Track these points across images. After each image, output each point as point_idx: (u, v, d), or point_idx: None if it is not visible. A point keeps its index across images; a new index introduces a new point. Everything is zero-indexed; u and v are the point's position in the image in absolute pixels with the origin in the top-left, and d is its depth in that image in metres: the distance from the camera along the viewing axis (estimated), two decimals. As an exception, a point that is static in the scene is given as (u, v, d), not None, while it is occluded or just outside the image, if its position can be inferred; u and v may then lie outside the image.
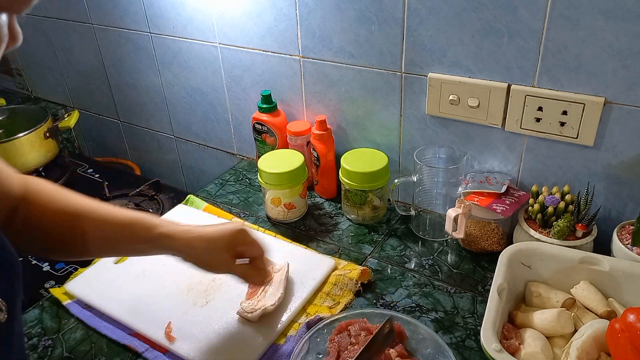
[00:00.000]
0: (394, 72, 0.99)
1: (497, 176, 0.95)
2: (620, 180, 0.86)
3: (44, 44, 1.63)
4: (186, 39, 1.26)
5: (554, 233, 0.83)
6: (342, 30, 1.00)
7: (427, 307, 0.84)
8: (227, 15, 1.15)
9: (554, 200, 0.85)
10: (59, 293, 0.89)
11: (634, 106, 0.80)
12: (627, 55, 0.76)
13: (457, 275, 0.90)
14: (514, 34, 0.83)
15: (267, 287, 0.84)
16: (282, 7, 1.05)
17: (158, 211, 1.22)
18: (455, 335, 0.78)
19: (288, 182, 1.02)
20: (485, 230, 0.92)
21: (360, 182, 1.00)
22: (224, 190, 1.20)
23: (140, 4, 1.29)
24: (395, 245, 0.99)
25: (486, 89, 0.90)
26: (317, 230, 1.04)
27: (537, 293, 0.78)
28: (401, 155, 1.07)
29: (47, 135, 1.35)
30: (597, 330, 0.68)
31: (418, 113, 1.00)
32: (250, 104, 1.24)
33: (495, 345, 0.64)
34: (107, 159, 1.69)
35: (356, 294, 0.86)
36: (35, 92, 1.82)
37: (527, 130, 0.89)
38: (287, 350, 0.76)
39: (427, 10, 0.89)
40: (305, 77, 1.11)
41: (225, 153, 1.41)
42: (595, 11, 0.76)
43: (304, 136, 1.12)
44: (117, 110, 1.59)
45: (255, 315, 0.79)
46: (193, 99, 1.36)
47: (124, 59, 1.44)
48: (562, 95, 0.84)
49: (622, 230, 0.83)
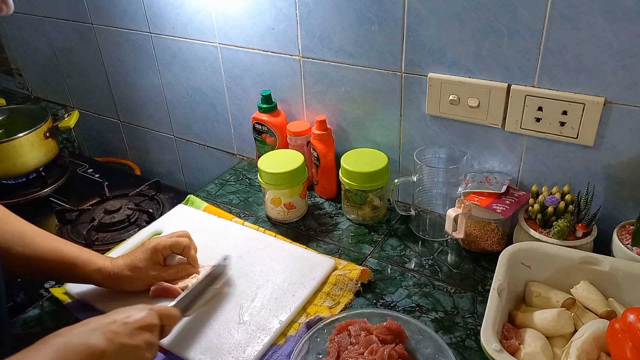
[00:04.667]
0: (394, 72, 0.99)
1: (497, 176, 0.95)
2: (620, 180, 0.86)
3: (44, 44, 1.63)
4: (186, 39, 1.26)
5: (554, 233, 0.83)
6: (342, 30, 1.00)
7: (427, 307, 0.84)
8: (227, 15, 1.15)
9: (554, 200, 0.85)
10: (59, 293, 0.89)
11: (634, 106, 0.80)
12: (627, 55, 0.76)
13: (457, 275, 0.90)
14: (514, 34, 0.83)
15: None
16: (282, 7, 1.05)
17: (158, 211, 1.22)
18: (455, 335, 0.78)
19: (288, 182, 1.02)
20: (485, 230, 0.92)
21: (360, 182, 1.00)
22: (224, 190, 1.20)
23: (140, 4, 1.29)
24: (395, 245, 0.99)
25: (486, 89, 0.90)
26: (317, 230, 1.04)
27: (537, 293, 0.78)
28: (401, 155, 1.07)
29: (47, 135, 1.35)
30: (597, 330, 0.68)
31: (418, 113, 1.00)
32: (250, 104, 1.24)
33: (495, 345, 0.64)
34: (107, 159, 1.69)
35: (356, 294, 0.86)
36: (35, 92, 1.82)
37: (527, 130, 0.89)
38: (287, 350, 0.76)
39: (427, 10, 0.89)
40: (305, 77, 1.11)
41: (225, 153, 1.41)
42: (595, 11, 0.76)
43: (304, 136, 1.12)
44: (117, 110, 1.59)
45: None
46: (193, 99, 1.36)
47: (124, 59, 1.44)
48: (562, 95, 0.84)
49: (622, 230, 0.83)
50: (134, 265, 0.83)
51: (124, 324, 0.62)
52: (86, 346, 0.57)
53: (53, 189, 1.35)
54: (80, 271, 0.81)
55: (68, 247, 0.82)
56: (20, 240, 0.79)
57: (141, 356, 0.62)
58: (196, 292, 0.81)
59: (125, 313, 0.64)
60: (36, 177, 1.37)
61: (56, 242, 0.82)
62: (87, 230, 1.14)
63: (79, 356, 0.56)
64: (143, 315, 0.64)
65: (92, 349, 0.57)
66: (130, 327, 0.62)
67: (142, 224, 1.18)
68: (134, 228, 1.17)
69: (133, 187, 1.29)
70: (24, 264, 0.80)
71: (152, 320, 0.65)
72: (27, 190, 1.33)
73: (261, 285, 0.88)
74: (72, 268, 0.81)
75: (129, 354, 0.61)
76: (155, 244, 0.84)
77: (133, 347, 0.61)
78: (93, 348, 0.57)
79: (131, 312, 0.65)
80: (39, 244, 0.80)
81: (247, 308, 0.83)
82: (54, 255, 0.80)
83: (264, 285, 0.87)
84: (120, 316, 0.63)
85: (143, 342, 0.62)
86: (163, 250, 0.85)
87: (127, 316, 0.63)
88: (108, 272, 0.82)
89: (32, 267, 0.80)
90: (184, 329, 0.79)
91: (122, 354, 0.60)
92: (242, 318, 0.81)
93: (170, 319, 0.70)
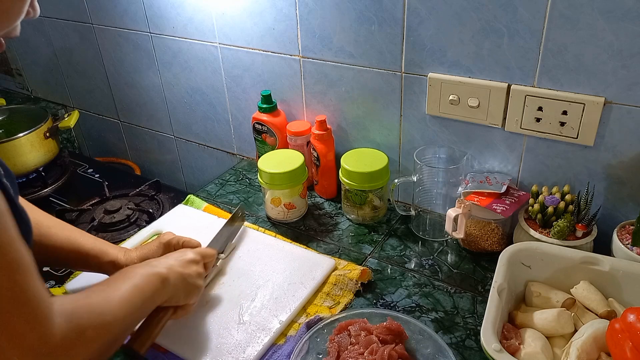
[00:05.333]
0: (394, 72, 0.99)
1: (497, 176, 0.95)
2: (620, 180, 0.86)
3: (44, 44, 1.63)
4: (186, 39, 1.26)
5: (554, 233, 0.83)
6: (342, 30, 1.00)
7: (427, 307, 0.84)
8: (227, 15, 1.15)
9: (554, 200, 0.85)
10: (59, 293, 0.89)
11: (634, 106, 0.80)
12: (627, 55, 0.76)
13: (457, 275, 0.90)
14: (514, 34, 0.83)
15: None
16: (282, 7, 1.05)
17: (158, 211, 1.21)
18: (455, 335, 0.78)
19: (288, 182, 1.02)
20: (485, 230, 0.92)
21: (360, 182, 1.00)
22: (224, 190, 1.20)
23: (140, 4, 1.29)
24: (395, 245, 0.99)
25: (486, 89, 0.90)
26: (317, 230, 1.04)
27: (537, 293, 0.78)
28: (401, 155, 1.07)
29: (47, 135, 1.35)
30: (597, 330, 0.68)
31: (418, 113, 1.00)
32: (250, 104, 1.24)
33: (495, 345, 0.64)
34: (107, 159, 1.68)
35: (356, 294, 0.86)
36: (35, 92, 1.82)
37: (527, 130, 0.89)
38: (287, 350, 0.76)
39: (427, 10, 0.89)
40: (305, 77, 1.11)
41: (225, 153, 1.41)
42: (595, 11, 0.76)
43: (304, 136, 1.12)
44: (117, 110, 1.59)
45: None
46: (193, 99, 1.36)
47: (124, 59, 1.44)
48: (562, 95, 0.84)
49: (622, 230, 0.83)
50: (147, 259, 0.83)
51: (176, 260, 0.77)
52: (157, 273, 0.71)
53: (53, 189, 1.35)
54: (94, 262, 0.83)
55: (83, 237, 0.84)
56: (36, 229, 0.79)
57: (193, 283, 0.77)
58: (226, 234, 0.95)
59: (174, 254, 0.79)
60: (36, 177, 1.37)
61: (71, 232, 0.84)
62: (87, 230, 1.13)
63: (155, 280, 0.70)
64: (189, 254, 0.80)
65: (162, 275, 0.71)
66: (182, 261, 0.77)
67: (142, 224, 1.17)
68: (134, 228, 1.17)
69: (133, 187, 1.29)
70: (38, 253, 0.80)
71: (196, 257, 0.80)
72: (27, 190, 1.33)
73: (261, 285, 0.88)
74: (86, 258, 0.82)
75: (186, 280, 0.75)
76: (170, 238, 0.87)
77: (188, 275, 0.76)
78: (162, 275, 0.71)
79: (178, 254, 0.80)
80: (54, 234, 0.81)
81: (247, 308, 0.83)
82: (69, 246, 0.82)
83: (264, 285, 0.87)
84: (172, 256, 0.78)
85: (194, 272, 0.78)
86: (176, 246, 0.86)
87: (177, 256, 0.78)
88: (121, 264, 0.83)
89: (47, 256, 0.81)
90: (184, 329, 0.79)
91: (181, 279, 0.74)
92: (242, 318, 0.81)
93: (209, 257, 0.84)
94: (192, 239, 0.89)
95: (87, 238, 0.84)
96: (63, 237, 0.82)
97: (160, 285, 0.70)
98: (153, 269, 0.72)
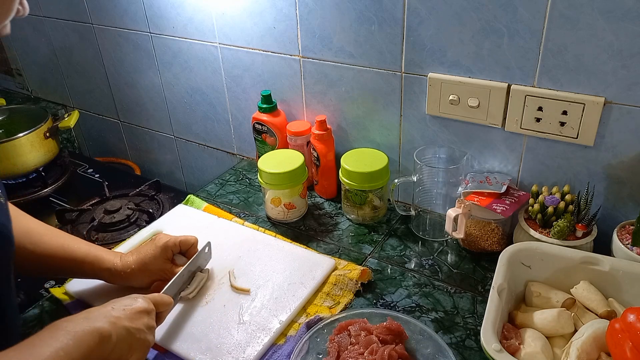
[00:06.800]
0: (394, 72, 0.99)
1: (497, 176, 0.95)
2: (620, 180, 0.86)
3: (44, 44, 1.63)
4: (186, 39, 1.26)
5: (554, 233, 0.83)
6: (342, 30, 1.00)
7: (427, 307, 0.84)
8: (227, 15, 1.15)
9: (554, 200, 0.85)
10: (59, 293, 0.89)
11: (634, 106, 0.80)
12: (627, 55, 0.76)
13: (457, 275, 0.90)
14: (514, 34, 0.83)
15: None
16: (282, 7, 1.05)
17: (158, 211, 1.22)
18: (455, 335, 0.78)
19: (288, 182, 1.02)
20: (485, 230, 0.92)
21: (360, 182, 1.00)
22: (224, 190, 1.20)
23: (140, 4, 1.29)
24: (395, 245, 0.99)
25: (486, 89, 0.90)
26: (317, 230, 1.04)
27: (537, 293, 0.78)
28: (401, 155, 1.07)
29: (47, 135, 1.35)
30: (597, 330, 0.68)
31: (418, 113, 1.00)
32: (250, 104, 1.24)
33: (495, 345, 0.64)
34: (107, 159, 1.69)
35: (356, 294, 0.86)
36: (35, 92, 1.82)
37: (527, 130, 0.89)
38: (287, 350, 0.76)
39: (427, 10, 0.89)
40: (305, 77, 1.11)
41: (225, 153, 1.41)
42: (595, 11, 0.76)
43: (304, 136, 1.12)
44: (117, 110, 1.59)
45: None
46: (193, 99, 1.36)
47: (124, 59, 1.44)
48: (562, 95, 0.84)
49: (622, 230, 0.83)
50: (144, 263, 0.83)
51: (124, 310, 0.66)
52: (95, 330, 0.60)
53: (53, 189, 1.35)
54: (90, 269, 0.82)
55: (76, 244, 0.82)
56: (28, 238, 0.78)
57: (143, 338, 0.66)
58: (182, 279, 0.84)
59: (121, 301, 0.68)
60: (36, 177, 1.37)
61: (64, 240, 0.82)
62: (87, 230, 1.14)
63: (90, 339, 0.59)
64: (139, 302, 0.69)
65: (101, 332, 0.60)
66: (129, 312, 0.66)
67: (142, 224, 1.18)
68: (134, 228, 1.17)
69: (133, 187, 1.29)
70: (32, 262, 0.79)
71: (148, 305, 0.70)
72: (27, 190, 1.33)
73: (261, 285, 0.88)
74: (81, 266, 0.81)
75: (133, 336, 0.64)
76: (166, 241, 0.85)
77: (135, 329, 0.65)
78: (101, 331, 0.60)
79: (127, 300, 0.68)
80: (47, 242, 0.80)
81: (247, 308, 0.83)
82: (63, 253, 0.80)
83: (264, 285, 0.87)
84: (118, 304, 0.67)
85: (143, 325, 0.67)
86: (173, 247, 0.85)
87: (124, 304, 0.67)
88: (118, 271, 0.82)
89: (41, 264, 0.80)
90: (184, 328, 0.79)
91: (127, 335, 0.63)
92: (242, 318, 0.81)
93: (163, 305, 0.74)
94: (189, 237, 0.87)
95: (81, 245, 0.83)
96: (57, 244, 0.80)
97: (98, 343, 0.59)
98: (92, 324, 0.60)
